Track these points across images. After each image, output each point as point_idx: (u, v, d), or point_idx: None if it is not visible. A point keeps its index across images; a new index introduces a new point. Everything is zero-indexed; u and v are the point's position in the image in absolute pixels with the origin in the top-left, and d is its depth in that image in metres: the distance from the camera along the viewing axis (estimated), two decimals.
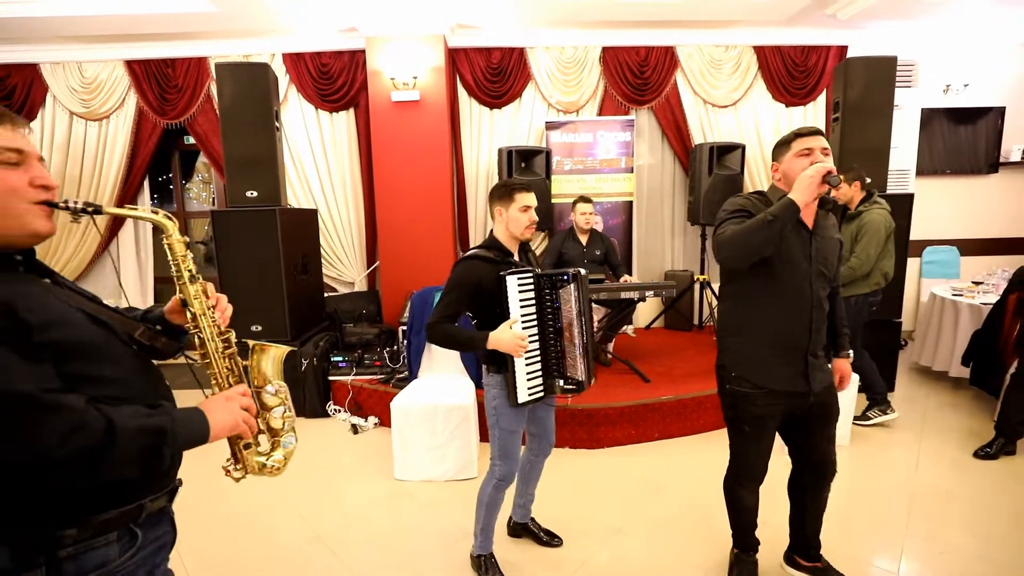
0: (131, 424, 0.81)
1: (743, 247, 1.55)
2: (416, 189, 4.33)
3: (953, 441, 3.05)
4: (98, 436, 0.76)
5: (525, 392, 1.82)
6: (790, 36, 4.50)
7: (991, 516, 2.34)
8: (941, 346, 3.88)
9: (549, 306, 1.83)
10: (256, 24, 4.10)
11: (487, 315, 1.83)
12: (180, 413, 0.91)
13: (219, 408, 0.97)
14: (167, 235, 1.02)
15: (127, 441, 0.80)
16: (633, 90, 4.56)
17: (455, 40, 4.40)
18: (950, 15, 4.21)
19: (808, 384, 1.68)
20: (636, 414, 3.12)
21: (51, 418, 0.74)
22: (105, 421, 0.78)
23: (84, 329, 0.85)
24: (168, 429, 0.85)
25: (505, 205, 1.86)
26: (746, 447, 1.79)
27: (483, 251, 1.87)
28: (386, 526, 2.43)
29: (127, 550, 0.89)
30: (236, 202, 3.52)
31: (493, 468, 1.97)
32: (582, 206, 3.80)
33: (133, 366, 0.93)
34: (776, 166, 1.71)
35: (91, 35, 4.17)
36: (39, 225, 0.85)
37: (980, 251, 5.05)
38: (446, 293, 1.84)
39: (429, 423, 2.78)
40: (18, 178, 0.83)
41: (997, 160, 4.90)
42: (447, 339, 1.81)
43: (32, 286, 0.84)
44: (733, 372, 1.73)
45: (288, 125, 4.46)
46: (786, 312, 1.65)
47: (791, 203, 1.50)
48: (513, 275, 1.77)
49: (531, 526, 2.28)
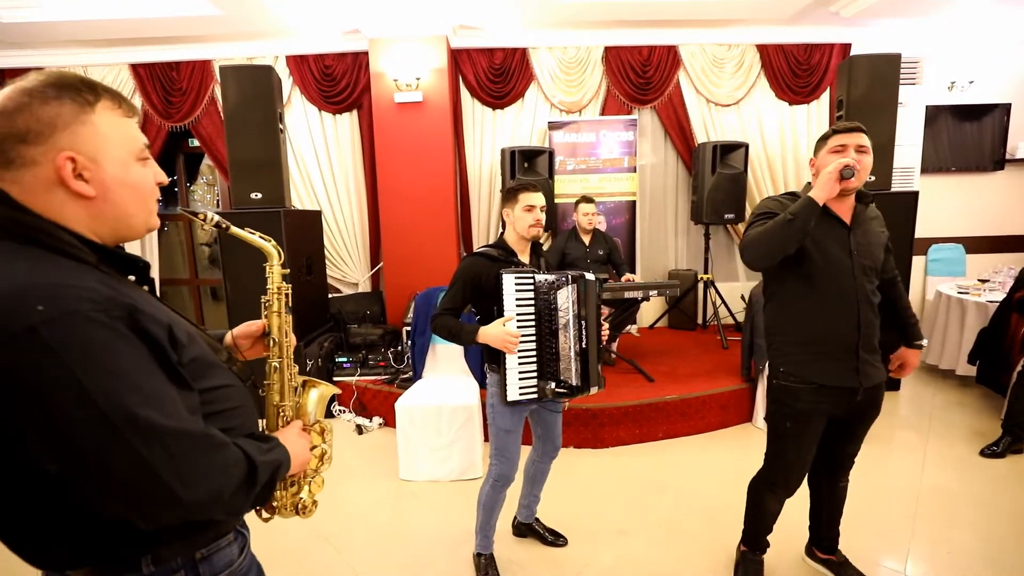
0: (262, 459, 0.80)
1: (765, 248, 1.58)
2: (419, 190, 4.34)
3: (960, 440, 3.04)
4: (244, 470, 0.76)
5: (515, 391, 1.81)
6: (793, 34, 4.49)
7: (998, 516, 2.33)
8: (947, 344, 3.86)
9: (546, 308, 1.83)
10: (259, 27, 4.12)
11: (486, 312, 1.87)
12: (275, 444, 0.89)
13: (297, 442, 0.95)
14: (271, 263, 1.03)
15: (264, 476, 0.80)
16: (636, 89, 4.56)
17: (457, 41, 4.41)
18: (955, 12, 4.18)
19: (859, 380, 1.66)
20: (640, 414, 3.11)
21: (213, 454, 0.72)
22: (244, 456, 0.77)
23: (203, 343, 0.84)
24: (284, 464, 0.85)
25: (511, 206, 1.92)
26: (785, 447, 1.76)
27: (489, 249, 1.92)
28: (390, 526, 2.43)
29: (242, 550, 0.90)
30: (241, 204, 3.54)
31: (491, 467, 1.98)
32: (584, 206, 3.79)
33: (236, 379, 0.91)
34: (813, 160, 1.69)
35: (96, 39, 4.20)
36: (156, 221, 0.83)
37: (986, 248, 5.01)
38: (450, 286, 1.90)
39: (433, 423, 2.78)
40: (151, 176, 0.81)
41: (1003, 157, 4.87)
42: (445, 330, 1.86)
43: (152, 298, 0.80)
44: (781, 367, 1.73)
45: (292, 127, 4.47)
46: (830, 309, 1.64)
47: (810, 200, 1.51)
48: (511, 274, 1.79)
49: (536, 526, 2.28)
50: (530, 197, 1.90)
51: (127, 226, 0.78)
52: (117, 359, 0.65)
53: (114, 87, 3.16)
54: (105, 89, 0.76)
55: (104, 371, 0.63)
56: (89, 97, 0.73)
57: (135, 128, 0.79)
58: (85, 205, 0.73)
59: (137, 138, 0.78)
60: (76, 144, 0.71)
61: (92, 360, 0.63)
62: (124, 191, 0.76)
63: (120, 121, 0.76)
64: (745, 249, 1.64)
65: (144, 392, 0.66)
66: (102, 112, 0.74)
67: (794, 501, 1.94)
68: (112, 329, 0.65)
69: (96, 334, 0.64)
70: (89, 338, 0.63)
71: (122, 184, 0.75)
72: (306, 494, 1.03)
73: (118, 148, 0.75)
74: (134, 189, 0.77)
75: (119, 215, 0.76)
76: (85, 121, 0.72)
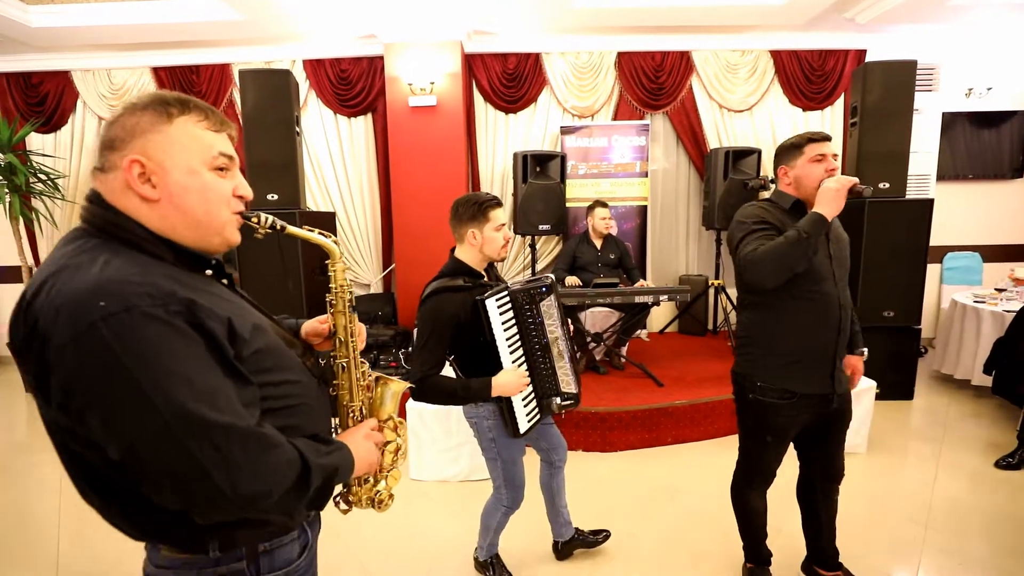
0: (319, 463, 0.80)
1: (777, 267, 1.52)
2: (432, 193, 4.38)
3: (974, 451, 3.00)
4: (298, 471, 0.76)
5: (525, 421, 1.68)
6: (807, 40, 4.48)
7: (1012, 528, 2.30)
8: (963, 354, 3.81)
9: (532, 322, 1.69)
10: (278, 31, 4.20)
11: (465, 348, 1.68)
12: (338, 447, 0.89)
13: (362, 445, 0.94)
14: (333, 261, 1.01)
15: (319, 480, 0.79)
16: (648, 95, 4.57)
17: (472, 46, 4.45)
18: (972, 18, 4.15)
19: (833, 386, 1.67)
20: (649, 418, 3.12)
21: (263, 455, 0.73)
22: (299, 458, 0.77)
23: (274, 336, 0.86)
24: (341, 468, 0.85)
25: (479, 226, 1.68)
26: (764, 455, 1.77)
27: (449, 280, 1.67)
28: (401, 524, 2.46)
29: (303, 550, 0.91)
30: (257, 205, 3.61)
31: (500, 496, 1.87)
32: (600, 211, 3.81)
33: (308, 377, 0.91)
34: (785, 170, 1.67)
35: (120, 43, 4.31)
36: (233, 235, 0.84)
37: (1003, 257, 4.94)
38: (422, 341, 1.62)
39: (444, 424, 2.81)
40: (228, 186, 0.82)
41: (1022, 165, 4.81)
42: (440, 394, 1.62)
43: (225, 292, 0.84)
44: (758, 382, 1.68)
45: (307, 129, 4.55)
46: (815, 316, 1.62)
47: (821, 217, 1.50)
48: (491, 297, 1.60)
49: (577, 537, 2.19)
50: (500, 214, 1.69)
51: (197, 233, 0.80)
52: (171, 354, 0.68)
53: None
54: (196, 105, 0.80)
55: (157, 366, 0.66)
56: (173, 110, 0.77)
57: (219, 139, 0.81)
58: (153, 207, 0.77)
59: (213, 146, 0.80)
60: (147, 150, 0.75)
61: (147, 355, 0.66)
62: (189, 196, 0.78)
63: (198, 132, 0.79)
64: (752, 267, 1.55)
65: (196, 387, 0.68)
66: (181, 123, 0.77)
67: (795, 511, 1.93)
68: (169, 324, 0.68)
69: (152, 329, 0.67)
70: (145, 334, 0.66)
71: (186, 190, 0.77)
72: (383, 487, 1.04)
73: (188, 155, 0.77)
74: (200, 195, 0.78)
75: (187, 220, 0.78)
76: (160, 130, 0.76)
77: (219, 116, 0.82)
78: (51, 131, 4.62)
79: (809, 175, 1.61)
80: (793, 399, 1.65)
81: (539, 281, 1.71)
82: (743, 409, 1.78)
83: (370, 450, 0.96)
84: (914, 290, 3.55)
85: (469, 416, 1.80)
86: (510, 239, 1.75)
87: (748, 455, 1.83)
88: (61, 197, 4.48)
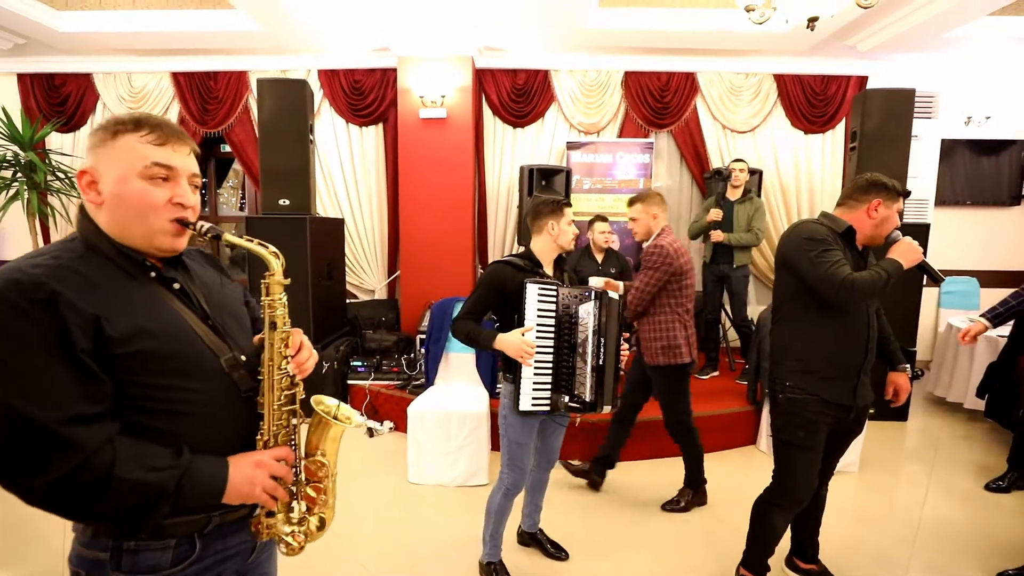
0: (130, 476, 0.78)
1: (868, 296, 1.65)
2: (439, 203, 4.48)
3: (965, 473, 3.04)
4: (92, 480, 0.76)
5: (528, 401, 1.82)
6: (810, 65, 4.58)
7: (999, 551, 2.33)
8: (957, 377, 3.86)
9: (567, 320, 1.85)
10: (295, 42, 4.33)
11: (507, 320, 1.91)
12: (201, 467, 0.86)
13: (244, 472, 0.89)
14: (270, 273, 0.96)
15: (118, 495, 0.78)
16: (653, 113, 4.68)
17: (482, 61, 4.57)
18: (971, 48, 4.25)
19: (854, 399, 1.77)
20: (644, 430, 3.16)
21: (56, 455, 0.75)
22: (106, 468, 0.77)
23: (178, 343, 0.87)
24: (170, 491, 0.81)
25: (557, 219, 1.94)
26: (796, 458, 1.81)
27: (515, 259, 1.95)
28: (399, 525, 2.51)
29: (182, 560, 0.88)
30: (269, 210, 3.70)
31: (502, 477, 2.01)
32: (600, 225, 3.89)
33: (220, 389, 0.92)
34: (877, 205, 1.74)
35: (142, 49, 4.44)
36: (164, 242, 0.89)
37: (1000, 283, 4.99)
38: (473, 291, 1.94)
39: (443, 429, 2.87)
40: (160, 195, 0.87)
41: (1019, 193, 4.88)
42: (463, 334, 1.89)
43: (146, 294, 0.87)
44: (788, 382, 1.79)
45: (319, 137, 4.65)
46: (846, 332, 1.75)
47: (901, 267, 1.67)
48: (535, 284, 1.82)
49: (539, 536, 2.33)
50: (570, 212, 1.97)
51: (132, 235, 0.87)
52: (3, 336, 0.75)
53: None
54: (148, 123, 0.87)
55: None
56: (121, 128, 0.87)
57: (157, 151, 0.87)
58: (100, 211, 0.87)
59: (148, 157, 0.86)
60: (94, 163, 0.87)
61: None
62: (117, 203, 0.86)
63: (137, 146, 0.86)
64: (852, 291, 1.63)
65: (9, 369, 0.74)
66: (124, 139, 0.86)
67: None
68: (15, 308, 0.75)
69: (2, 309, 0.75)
70: None
71: (116, 196, 0.86)
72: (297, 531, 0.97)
73: (121, 165, 0.86)
74: (129, 202, 0.86)
75: (122, 223, 0.87)
76: (106, 145, 0.87)
77: (168, 132, 0.89)
78: (71, 131, 4.75)
79: (890, 221, 1.76)
80: (819, 399, 1.75)
81: (588, 288, 1.88)
82: (775, 412, 1.86)
83: (252, 480, 0.89)
84: (910, 313, 3.62)
85: (501, 393, 1.98)
86: (578, 234, 1.98)
87: (782, 466, 1.86)
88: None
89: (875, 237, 1.77)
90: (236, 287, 1.11)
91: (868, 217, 1.75)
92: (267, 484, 0.91)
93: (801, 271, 1.72)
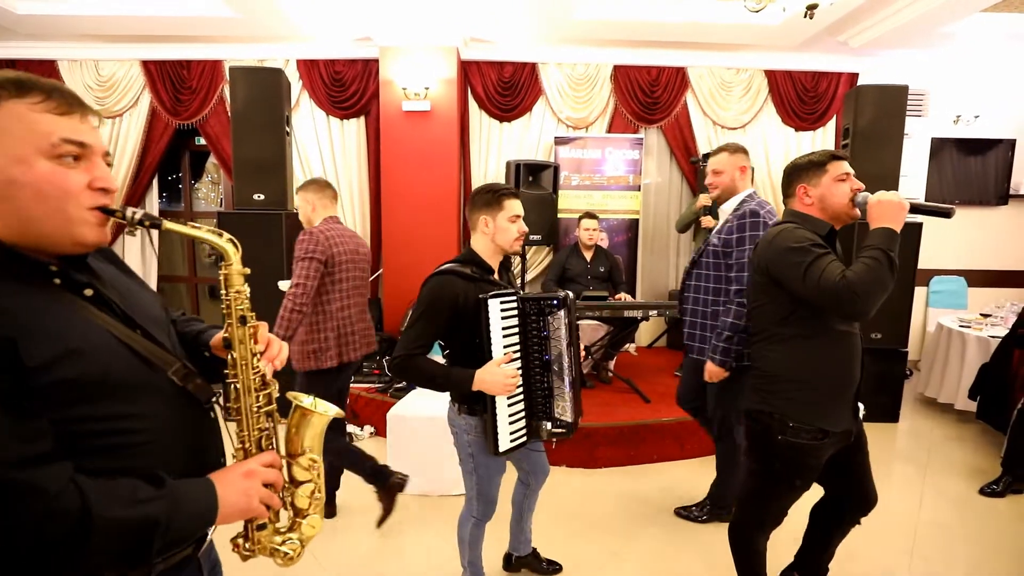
0: (112, 515, 0.66)
1: (881, 295, 1.37)
2: (423, 199, 4.34)
3: (958, 476, 2.99)
4: (69, 525, 0.64)
5: (507, 440, 1.56)
6: (801, 61, 4.52)
7: (996, 556, 2.28)
8: (947, 377, 3.82)
9: (535, 335, 1.58)
10: (272, 30, 4.15)
11: (460, 343, 1.60)
12: (187, 490, 0.75)
13: (235, 486, 0.80)
14: (227, 263, 0.86)
15: (104, 538, 0.66)
16: (643, 108, 4.58)
17: (468, 53, 4.43)
18: (962, 46, 4.22)
19: (854, 420, 1.61)
20: (635, 434, 3.07)
21: (17, 505, 0.62)
22: (79, 511, 0.64)
23: (110, 361, 0.72)
24: (161, 523, 0.70)
25: (492, 214, 1.63)
26: (786, 500, 1.65)
27: (459, 266, 1.62)
28: (376, 538, 2.38)
29: None
30: (243, 204, 3.53)
31: (471, 506, 1.79)
32: (587, 222, 3.79)
33: (173, 407, 0.79)
34: (806, 188, 1.57)
35: (110, 34, 4.23)
36: (88, 234, 0.72)
37: (988, 283, 5.00)
38: (414, 319, 1.56)
39: (424, 435, 2.74)
40: (77, 179, 0.70)
41: (1007, 192, 4.88)
42: (420, 376, 1.56)
43: (57, 306, 0.71)
44: (790, 422, 1.53)
45: (299, 130, 4.49)
46: (847, 347, 1.55)
47: (894, 232, 1.40)
48: (496, 298, 1.52)
49: (531, 558, 2.14)
50: (515, 205, 1.64)
51: (37, 232, 0.69)
52: None
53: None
54: (36, 85, 0.68)
55: None
56: (2, 93, 0.67)
57: (63, 123, 0.69)
58: None
59: (53, 132, 0.68)
60: None
61: None
62: (19, 191, 0.67)
63: (32, 116, 0.67)
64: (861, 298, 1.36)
65: None
66: (10, 106, 0.67)
67: None
68: None
69: None
70: None
71: (13, 183, 0.67)
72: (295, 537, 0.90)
73: (15, 143, 0.67)
74: (33, 189, 0.67)
75: (23, 218, 0.68)
76: None
77: (68, 97, 0.70)
78: None
79: (835, 195, 1.53)
80: (826, 439, 1.54)
81: (553, 294, 1.58)
82: (767, 451, 1.61)
83: (247, 492, 0.81)
84: (902, 313, 3.57)
85: (452, 423, 1.72)
86: (525, 232, 1.68)
87: (764, 498, 1.68)
88: None
89: (837, 215, 1.55)
90: (143, 285, 0.93)
91: (807, 206, 1.58)
92: (262, 493, 0.83)
93: (792, 288, 1.48)
